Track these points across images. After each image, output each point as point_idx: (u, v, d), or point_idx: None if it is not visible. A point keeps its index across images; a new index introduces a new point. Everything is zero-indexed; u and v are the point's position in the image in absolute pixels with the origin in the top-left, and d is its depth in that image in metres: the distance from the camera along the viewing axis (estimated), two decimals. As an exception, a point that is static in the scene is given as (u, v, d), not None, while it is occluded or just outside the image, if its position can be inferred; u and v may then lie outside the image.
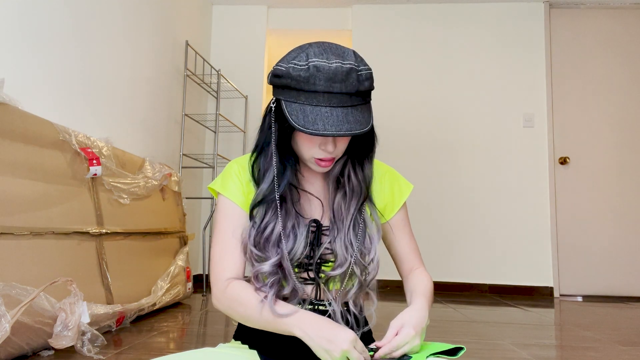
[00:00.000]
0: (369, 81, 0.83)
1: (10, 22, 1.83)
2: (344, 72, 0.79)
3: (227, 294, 0.88)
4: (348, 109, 0.81)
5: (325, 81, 0.79)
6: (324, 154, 0.86)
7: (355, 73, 0.81)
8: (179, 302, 2.80)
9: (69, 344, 1.50)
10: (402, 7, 4.14)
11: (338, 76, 0.79)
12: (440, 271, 3.87)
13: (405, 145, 4.00)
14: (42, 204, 1.66)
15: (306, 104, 0.80)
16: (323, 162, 0.87)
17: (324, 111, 0.79)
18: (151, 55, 3.04)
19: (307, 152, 0.87)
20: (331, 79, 0.79)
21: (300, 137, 0.87)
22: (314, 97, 0.80)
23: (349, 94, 0.81)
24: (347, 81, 0.80)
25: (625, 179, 3.87)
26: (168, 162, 3.22)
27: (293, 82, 0.81)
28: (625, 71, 3.96)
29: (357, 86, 0.81)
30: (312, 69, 0.79)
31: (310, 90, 0.80)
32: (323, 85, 0.79)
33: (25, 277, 1.49)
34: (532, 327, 2.39)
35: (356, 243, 0.91)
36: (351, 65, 0.80)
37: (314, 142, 0.86)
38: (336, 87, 0.79)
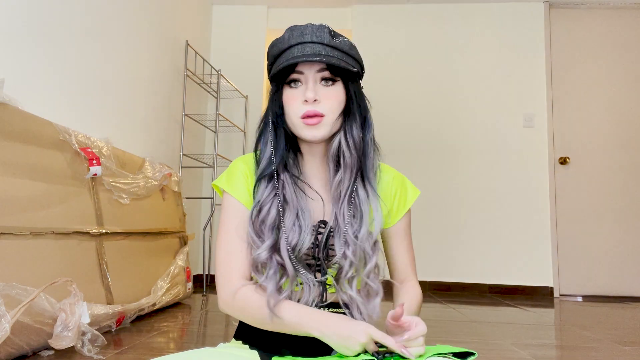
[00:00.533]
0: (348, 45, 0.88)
1: (11, 22, 1.83)
2: (315, 27, 0.87)
3: (237, 300, 0.87)
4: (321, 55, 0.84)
5: (297, 36, 0.86)
6: (307, 107, 0.86)
7: (326, 30, 0.87)
8: (179, 302, 2.80)
9: (69, 344, 1.50)
10: (402, 7, 4.14)
11: (308, 29, 0.86)
12: (440, 271, 3.87)
13: (404, 145, 4.00)
14: (42, 204, 1.66)
15: (282, 60, 0.86)
16: (309, 119, 0.86)
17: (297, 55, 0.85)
18: (151, 55, 3.04)
19: (293, 113, 0.87)
20: (302, 33, 0.86)
21: (286, 100, 0.89)
22: (289, 52, 0.86)
23: (322, 43, 0.85)
24: (317, 33, 0.86)
25: (625, 179, 3.87)
26: (168, 162, 3.22)
27: (273, 49, 0.89)
28: (625, 71, 3.96)
29: (330, 39, 0.85)
30: (287, 31, 0.88)
31: (285, 47, 0.87)
32: (295, 39, 0.86)
33: (25, 277, 1.49)
34: (532, 327, 2.39)
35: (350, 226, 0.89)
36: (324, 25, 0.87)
37: (297, 99, 0.87)
38: (307, 37, 0.85)
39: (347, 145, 0.90)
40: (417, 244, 3.85)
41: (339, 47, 0.86)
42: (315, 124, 0.86)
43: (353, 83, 0.91)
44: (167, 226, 2.68)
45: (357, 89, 0.92)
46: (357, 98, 0.91)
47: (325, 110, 0.87)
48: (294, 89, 0.88)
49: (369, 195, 0.91)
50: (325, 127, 0.87)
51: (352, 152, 0.90)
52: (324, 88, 0.87)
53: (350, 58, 0.88)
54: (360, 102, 0.92)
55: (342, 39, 0.88)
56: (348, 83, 0.89)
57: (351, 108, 0.90)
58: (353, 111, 0.91)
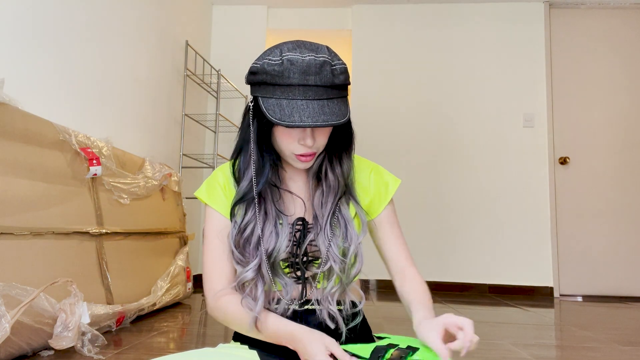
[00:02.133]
0: (344, 75, 0.84)
1: (11, 22, 1.83)
2: (318, 64, 0.81)
3: (218, 307, 0.93)
4: (324, 101, 0.81)
5: (299, 74, 0.80)
6: (304, 149, 0.86)
7: (329, 66, 0.82)
8: (179, 302, 2.80)
9: (69, 344, 1.50)
10: (402, 7, 4.14)
11: (312, 69, 0.80)
12: (440, 271, 3.87)
13: (404, 145, 4.00)
14: (42, 204, 1.66)
15: (282, 98, 0.81)
16: (303, 157, 0.87)
17: (300, 104, 0.80)
18: (151, 55, 3.04)
19: (287, 147, 0.87)
20: (305, 72, 0.80)
21: (279, 132, 0.87)
22: (289, 91, 0.81)
23: (324, 86, 0.82)
24: (321, 74, 0.81)
25: (625, 179, 3.87)
26: (168, 162, 3.22)
27: (268, 77, 0.82)
28: (625, 71, 3.96)
29: (332, 79, 0.82)
30: (285, 62, 0.80)
31: (285, 84, 0.81)
32: (297, 78, 0.80)
33: (25, 277, 1.49)
34: (532, 327, 2.39)
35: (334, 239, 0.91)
36: (324, 59, 0.81)
37: (293, 137, 0.86)
38: (310, 80, 0.80)
39: (332, 170, 0.93)
40: (417, 244, 3.87)
41: (337, 84, 0.83)
42: (309, 160, 0.89)
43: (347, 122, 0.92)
44: (167, 226, 2.68)
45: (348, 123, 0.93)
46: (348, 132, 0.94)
47: (318, 148, 0.89)
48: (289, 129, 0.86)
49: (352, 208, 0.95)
50: (315, 157, 0.90)
51: (339, 179, 0.93)
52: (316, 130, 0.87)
53: (344, 89, 0.87)
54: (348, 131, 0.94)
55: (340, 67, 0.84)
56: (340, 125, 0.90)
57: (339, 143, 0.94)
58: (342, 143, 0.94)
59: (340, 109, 0.82)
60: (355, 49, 4.14)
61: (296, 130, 0.86)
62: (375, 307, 2.77)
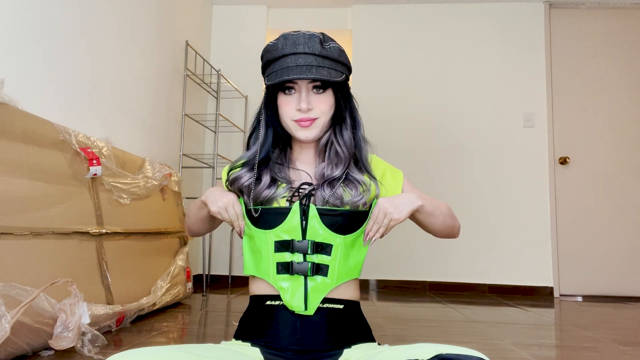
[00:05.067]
0: (337, 52, 0.95)
1: (11, 22, 1.83)
2: (307, 36, 0.94)
3: None
4: (313, 67, 0.92)
5: (290, 46, 0.93)
6: (300, 114, 0.96)
7: (317, 39, 0.94)
8: (179, 302, 2.80)
9: (69, 345, 1.49)
10: (402, 7, 4.14)
11: (300, 39, 0.93)
12: (440, 271, 3.87)
13: (405, 144, 4.00)
14: (42, 204, 1.66)
15: (277, 68, 0.93)
16: (302, 122, 0.96)
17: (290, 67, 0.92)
18: (151, 55, 3.04)
19: (287, 115, 0.97)
20: (295, 43, 0.93)
21: (280, 103, 0.98)
22: (283, 61, 0.93)
23: (313, 54, 0.93)
24: (309, 43, 0.93)
25: (625, 179, 3.87)
26: (168, 162, 3.22)
27: (268, 54, 0.96)
28: (625, 71, 3.96)
29: (320, 49, 0.93)
30: (280, 38, 0.95)
31: (279, 55, 0.94)
32: (289, 48, 0.93)
33: (25, 277, 1.49)
34: (532, 327, 2.39)
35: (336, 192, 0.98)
36: (315, 34, 0.94)
37: (291, 105, 0.97)
38: (299, 48, 0.92)
39: (338, 143, 1.01)
40: (417, 244, 3.87)
41: (329, 56, 0.94)
42: (308, 126, 0.97)
43: (344, 88, 1.01)
44: (167, 226, 2.68)
45: (345, 93, 1.02)
46: (347, 100, 1.02)
47: (317, 114, 0.97)
48: (288, 96, 0.98)
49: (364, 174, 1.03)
50: (317, 128, 0.98)
51: (344, 150, 1.01)
52: (315, 95, 0.97)
53: (339, 65, 0.96)
54: (350, 105, 1.03)
55: (332, 45, 0.96)
56: (337, 91, 0.99)
57: (342, 112, 1.01)
58: (343, 115, 1.02)
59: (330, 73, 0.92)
60: (355, 49, 4.14)
61: (293, 96, 0.96)
62: (375, 307, 2.77)
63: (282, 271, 0.95)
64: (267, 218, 0.97)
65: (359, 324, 0.99)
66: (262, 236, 0.97)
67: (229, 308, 2.78)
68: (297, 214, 0.95)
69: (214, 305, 2.85)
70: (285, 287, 0.95)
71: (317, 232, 0.95)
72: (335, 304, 0.95)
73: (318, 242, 0.95)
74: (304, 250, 0.95)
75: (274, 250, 0.96)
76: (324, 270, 0.95)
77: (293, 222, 0.95)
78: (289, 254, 0.95)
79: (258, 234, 0.98)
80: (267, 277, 0.97)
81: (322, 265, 0.95)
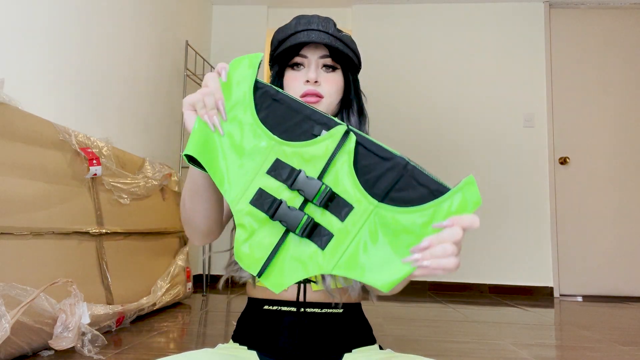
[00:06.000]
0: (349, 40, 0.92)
1: (11, 22, 1.83)
2: (322, 18, 0.91)
3: None
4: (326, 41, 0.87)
5: (304, 24, 0.89)
6: (307, 86, 0.89)
7: (332, 22, 0.91)
8: (179, 302, 2.80)
9: (69, 345, 1.50)
10: (402, 7, 4.14)
11: (314, 19, 0.90)
12: (440, 271, 3.86)
13: (405, 144, 4.00)
14: (42, 204, 1.66)
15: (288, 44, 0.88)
16: (309, 96, 0.89)
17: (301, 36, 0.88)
18: (151, 55, 3.04)
19: (294, 92, 0.90)
20: (309, 22, 0.89)
21: (287, 81, 0.92)
22: (294, 37, 0.88)
23: (327, 32, 0.89)
24: (323, 23, 0.90)
25: (625, 178, 3.86)
26: (168, 162, 3.22)
27: (279, 34, 0.92)
28: (625, 71, 3.96)
29: (335, 31, 0.90)
30: (294, 19, 0.91)
31: (291, 33, 0.89)
32: (302, 26, 0.89)
33: (25, 277, 1.49)
34: (532, 327, 2.39)
35: None
36: (330, 18, 0.92)
37: (299, 79, 0.90)
38: (314, 25, 0.89)
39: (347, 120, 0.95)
40: (417, 244, 3.86)
41: (342, 39, 0.91)
42: (315, 102, 0.89)
43: (352, 74, 0.95)
44: (167, 226, 2.68)
45: (355, 79, 0.96)
46: (355, 87, 0.95)
47: (324, 92, 0.90)
48: (297, 72, 0.91)
49: None
50: (322, 107, 0.90)
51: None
52: (325, 73, 0.91)
53: (351, 51, 0.92)
54: (358, 92, 0.96)
55: (345, 34, 0.93)
56: (348, 72, 0.93)
57: (349, 97, 0.94)
58: (351, 99, 0.95)
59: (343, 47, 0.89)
60: (355, 49, 4.14)
61: (301, 72, 0.90)
62: (375, 307, 2.77)
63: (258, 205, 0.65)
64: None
65: (359, 326, 0.94)
66: (262, 137, 0.68)
67: (229, 308, 2.78)
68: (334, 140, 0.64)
69: (214, 305, 2.85)
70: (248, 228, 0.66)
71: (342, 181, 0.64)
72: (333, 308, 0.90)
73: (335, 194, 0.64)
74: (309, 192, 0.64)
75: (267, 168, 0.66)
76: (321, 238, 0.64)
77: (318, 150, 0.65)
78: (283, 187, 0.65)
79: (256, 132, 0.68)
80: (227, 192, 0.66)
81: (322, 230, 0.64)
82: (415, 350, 1.75)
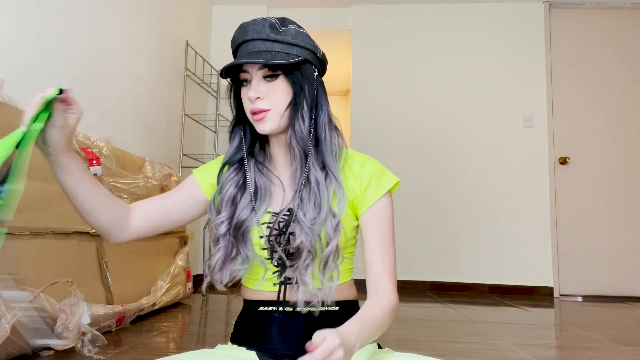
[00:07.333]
0: (293, 34, 0.90)
1: (11, 22, 1.83)
2: (258, 22, 0.90)
3: None
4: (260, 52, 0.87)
5: (242, 35, 0.91)
6: (252, 105, 0.89)
7: (268, 24, 0.89)
8: (179, 302, 2.80)
9: (69, 345, 1.49)
10: (402, 7, 4.14)
11: (251, 26, 0.90)
12: (440, 271, 3.87)
13: (404, 144, 4.00)
14: (42, 204, 1.66)
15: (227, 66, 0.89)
16: (254, 114, 0.89)
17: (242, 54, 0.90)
18: (151, 55, 3.04)
19: (246, 110, 0.92)
20: (245, 30, 0.90)
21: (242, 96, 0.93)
22: (238, 52, 0.92)
23: (261, 39, 0.88)
24: (257, 29, 0.89)
25: (625, 179, 3.86)
26: (168, 162, 3.22)
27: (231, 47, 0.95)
28: (625, 71, 3.96)
29: (269, 33, 0.88)
30: (237, 29, 0.92)
31: (234, 48, 0.93)
32: (240, 37, 0.91)
33: (25, 277, 1.49)
34: (532, 327, 2.39)
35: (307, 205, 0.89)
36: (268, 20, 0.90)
37: (246, 97, 0.91)
38: (248, 35, 0.89)
39: (294, 137, 0.89)
40: (417, 244, 3.87)
41: (280, 40, 0.88)
42: (262, 119, 0.89)
43: (298, 72, 0.89)
44: (167, 226, 2.67)
45: (302, 77, 0.89)
46: (302, 86, 0.89)
47: (269, 105, 0.88)
48: (245, 87, 0.92)
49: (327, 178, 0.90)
50: (272, 120, 0.89)
51: (300, 143, 0.89)
52: (267, 84, 0.89)
53: (293, 47, 0.88)
54: (307, 88, 0.90)
55: (290, 28, 0.91)
56: (290, 75, 0.89)
57: (297, 98, 0.89)
58: (298, 101, 0.89)
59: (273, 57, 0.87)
60: (355, 49, 4.14)
61: (247, 88, 0.91)
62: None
63: None
64: None
65: None
66: None
67: (229, 308, 2.78)
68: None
69: (213, 305, 2.85)
70: None
71: None
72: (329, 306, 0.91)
73: None
74: None
75: None
76: None
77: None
78: None
79: None
80: None
81: None
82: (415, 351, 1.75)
